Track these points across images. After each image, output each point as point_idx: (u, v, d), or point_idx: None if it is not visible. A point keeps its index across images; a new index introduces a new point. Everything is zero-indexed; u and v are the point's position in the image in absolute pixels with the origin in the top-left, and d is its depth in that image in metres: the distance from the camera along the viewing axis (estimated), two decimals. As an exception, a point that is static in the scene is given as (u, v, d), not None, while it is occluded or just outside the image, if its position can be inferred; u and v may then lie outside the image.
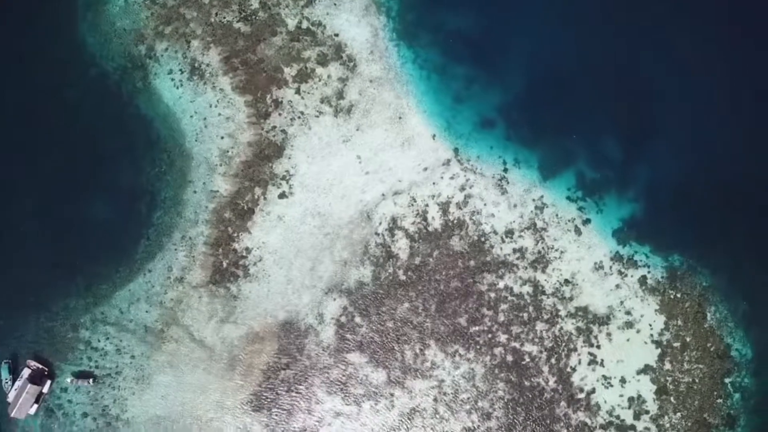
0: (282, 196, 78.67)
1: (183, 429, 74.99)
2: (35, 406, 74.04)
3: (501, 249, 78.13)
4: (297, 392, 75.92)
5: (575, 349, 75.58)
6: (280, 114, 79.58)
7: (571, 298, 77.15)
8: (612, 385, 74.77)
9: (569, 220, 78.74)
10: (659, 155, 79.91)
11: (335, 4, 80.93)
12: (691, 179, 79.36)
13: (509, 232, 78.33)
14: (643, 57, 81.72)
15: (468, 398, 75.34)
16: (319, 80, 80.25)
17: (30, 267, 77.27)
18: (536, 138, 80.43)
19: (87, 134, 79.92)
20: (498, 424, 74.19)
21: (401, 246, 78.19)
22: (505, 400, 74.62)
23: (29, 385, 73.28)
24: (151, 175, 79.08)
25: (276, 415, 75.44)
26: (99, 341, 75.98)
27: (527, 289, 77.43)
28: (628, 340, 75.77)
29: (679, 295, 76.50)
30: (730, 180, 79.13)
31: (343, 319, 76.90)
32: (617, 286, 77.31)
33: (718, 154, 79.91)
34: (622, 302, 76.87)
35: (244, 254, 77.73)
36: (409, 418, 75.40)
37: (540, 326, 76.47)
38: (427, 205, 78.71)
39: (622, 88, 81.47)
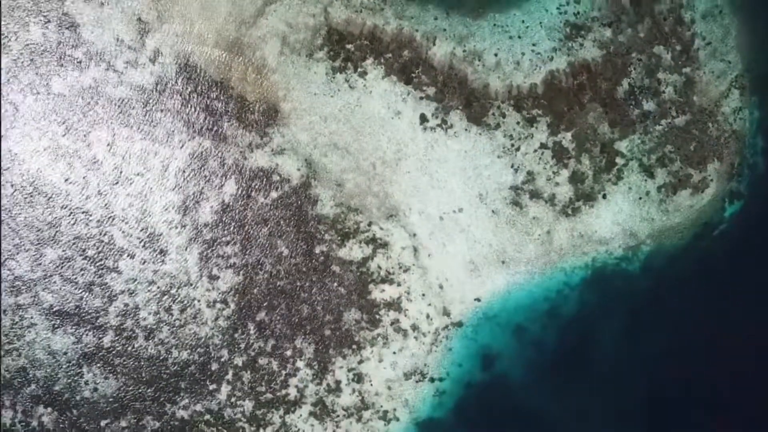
0: (423, 119, 67.53)
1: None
2: None
3: (350, 397, 68.91)
4: (197, 111, 66.75)
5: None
6: (499, 125, 67.38)
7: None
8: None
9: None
10: None
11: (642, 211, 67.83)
12: None
13: (358, 378, 68.96)
14: None
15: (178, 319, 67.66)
16: (554, 174, 68.02)
17: None
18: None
19: None
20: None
21: (353, 251, 68.16)
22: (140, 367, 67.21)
23: None
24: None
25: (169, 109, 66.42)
26: None
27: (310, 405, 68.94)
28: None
29: None
30: None
31: (275, 177, 67.14)
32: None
33: None
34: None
35: (360, 72, 66.94)
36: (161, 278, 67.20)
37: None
38: (399, 286, 68.49)
39: None
